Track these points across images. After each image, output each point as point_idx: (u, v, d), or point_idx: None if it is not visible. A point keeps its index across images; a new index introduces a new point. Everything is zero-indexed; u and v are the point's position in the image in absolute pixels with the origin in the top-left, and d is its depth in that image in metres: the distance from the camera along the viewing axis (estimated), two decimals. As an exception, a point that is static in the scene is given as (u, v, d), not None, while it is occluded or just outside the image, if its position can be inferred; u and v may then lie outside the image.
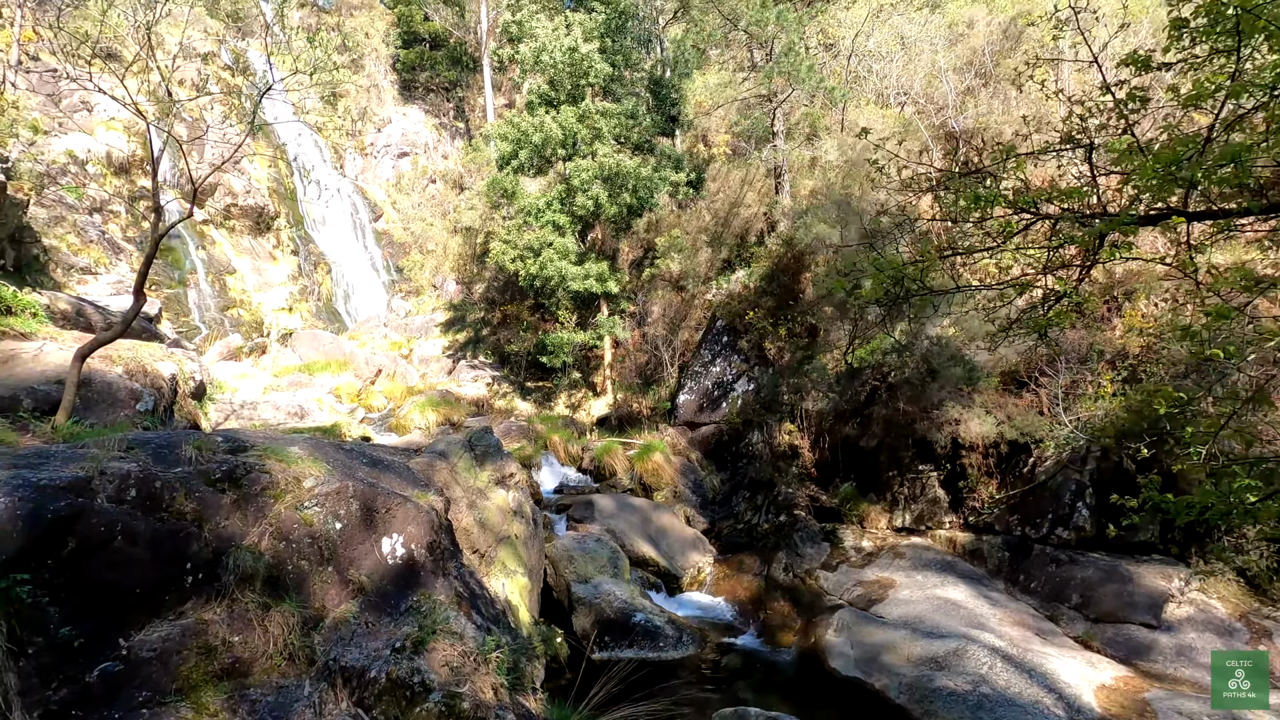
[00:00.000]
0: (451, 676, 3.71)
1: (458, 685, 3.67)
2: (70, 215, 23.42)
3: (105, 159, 26.15)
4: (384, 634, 3.90)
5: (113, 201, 25.43)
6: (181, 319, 24.19)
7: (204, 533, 3.45)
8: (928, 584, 8.90)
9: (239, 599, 3.45)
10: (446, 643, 3.91)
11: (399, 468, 5.18)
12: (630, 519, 11.17)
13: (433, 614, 4.07)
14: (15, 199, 17.33)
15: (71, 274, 21.82)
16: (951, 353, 8.68)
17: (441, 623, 4.03)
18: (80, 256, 22.56)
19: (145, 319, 18.12)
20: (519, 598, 7.95)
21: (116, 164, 26.01)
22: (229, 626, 3.33)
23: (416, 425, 14.53)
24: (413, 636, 3.77)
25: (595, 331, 18.22)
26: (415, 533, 4.49)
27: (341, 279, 33.69)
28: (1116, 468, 8.54)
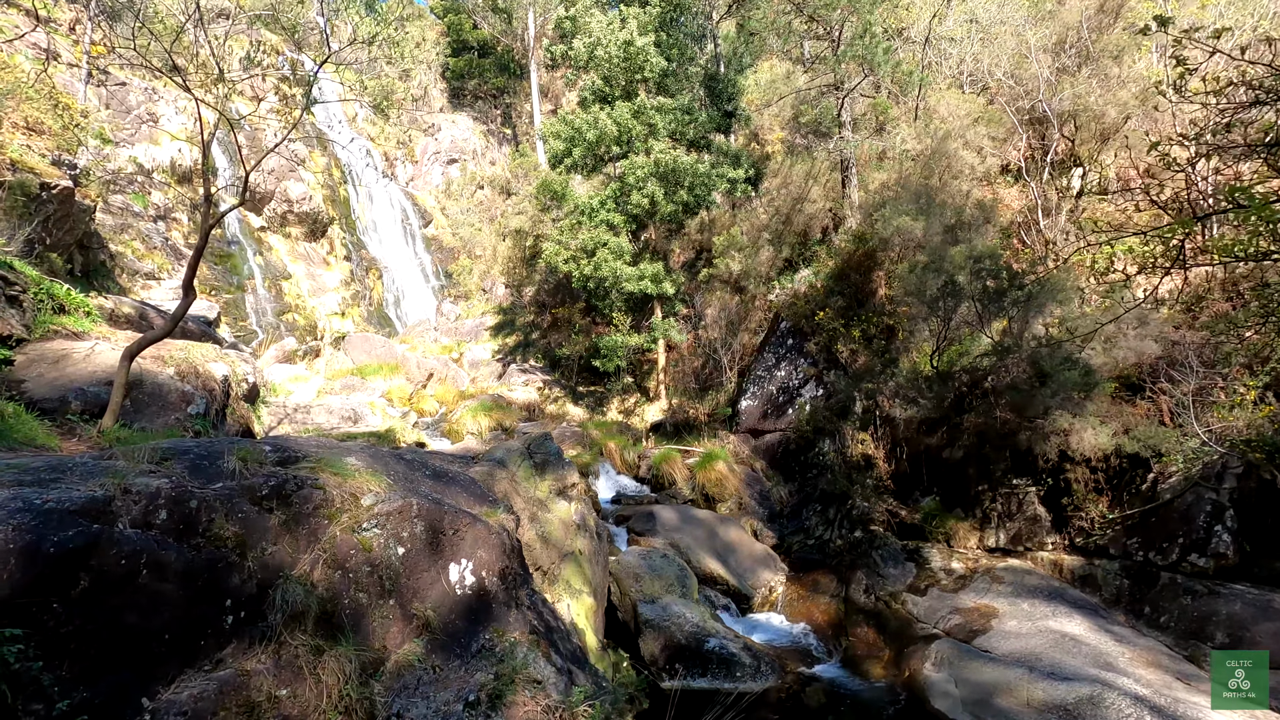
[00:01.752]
0: (535, 739, 3.06)
1: (543, 751, 3.02)
2: (135, 223, 24.01)
3: (170, 168, 26.81)
4: (455, 682, 3.28)
5: (176, 209, 26.05)
6: (240, 323, 24.56)
7: (247, 562, 2.91)
8: (1036, 614, 7.93)
9: (287, 642, 2.89)
10: (527, 694, 3.28)
11: (464, 481, 4.60)
12: (695, 533, 10.46)
13: (510, 657, 3.45)
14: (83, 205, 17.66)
15: (136, 279, 22.29)
16: (1065, 354, 7.73)
17: (520, 668, 3.40)
18: (145, 262, 23.06)
19: (204, 323, 18.26)
20: (585, 620, 7.32)
21: (180, 173, 26.64)
22: (275, 677, 2.77)
23: (469, 430, 14.12)
24: (488, 687, 3.15)
25: (649, 335, 17.60)
26: (486, 558, 3.89)
27: (392, 284, 34.01)
28: (1264, 486, 7.45)
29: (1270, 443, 7.17)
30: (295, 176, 31.25)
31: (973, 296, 8.47)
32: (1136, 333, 8.16)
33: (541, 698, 3.26)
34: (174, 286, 22.24)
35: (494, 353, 23.02)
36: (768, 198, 17.88)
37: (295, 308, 27.64)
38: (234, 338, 22.55)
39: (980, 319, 8.73)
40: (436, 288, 35.93)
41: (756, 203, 18.51)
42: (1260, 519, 7.52)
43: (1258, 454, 7.18)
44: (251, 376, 9.25)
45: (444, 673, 3.35)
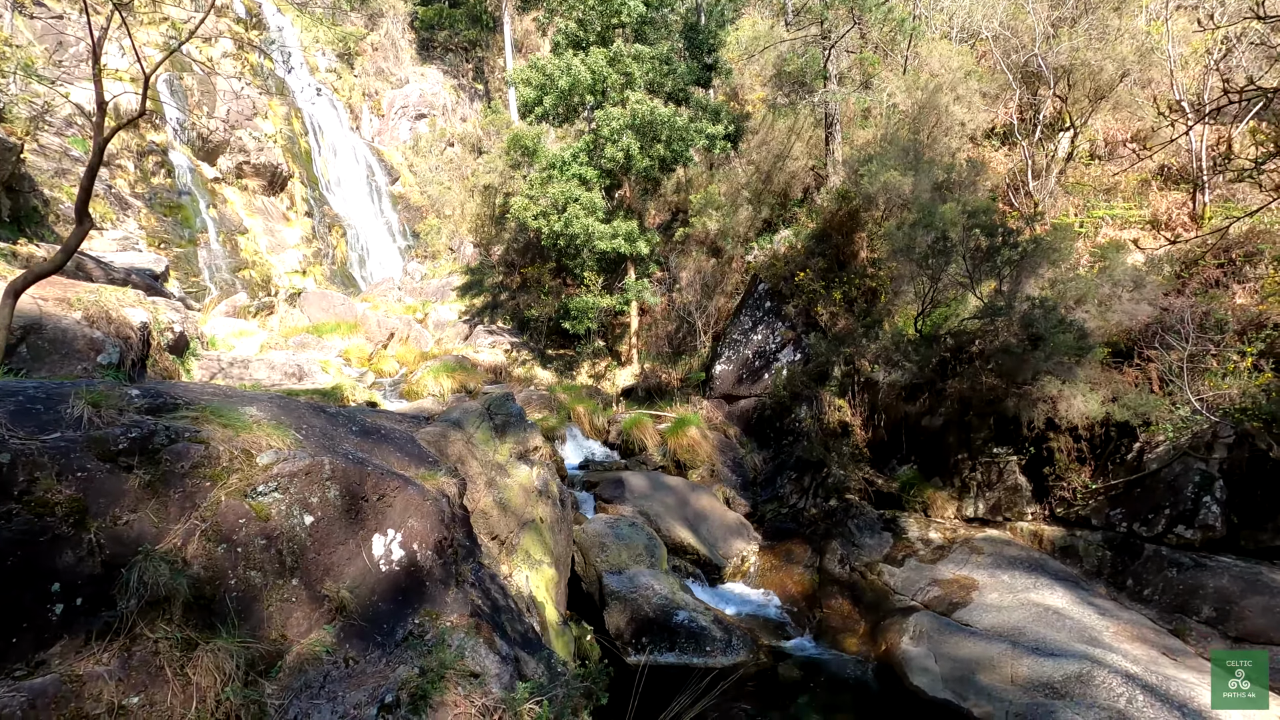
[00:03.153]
0: (467, 749, 2.51)
1: (476, 763, 2.47)
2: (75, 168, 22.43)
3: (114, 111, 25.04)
4: (371, 678, 2.71)
5: (120, 155, 24.40)
6: (192, 279, 23.24)
7: (88, 534, 2.27)
8: (1017, 586, 7.64)
9: (144, 636, 2.28)
10: (459, 691, 2.71)
11: (400, 439, 3.97)
12: (665, 500, 9.99)
13: (442, 646, 2.88)
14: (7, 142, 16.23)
15: (75, 228, 20.81)
16: (1059, 316, 7.30)
17: (454, 660, 2.83)
18: (85, 211, 21.54)
19: (150, 276, 17.08)
20: (545, 592, 6.81)
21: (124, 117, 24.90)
22: (122, 681, 2.16)
23: (430, 391, 13.39)
24: (410, 684, 2.57)
25: (622, 296, 16.93)
26: (419, 528, 3.29)
27: (357, 242, 32.65)
28: (1256, 456, 7.16)
29: (1267, 411, 6.87)
30: (251, 125, 29.55)
31: (964, 254, 7.99)
32: (1131, 296, 7.77)
33: (478, 695, 2.70)
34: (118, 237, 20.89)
35: (460, 314, 22.15)
36: (747, 156, 17.17)
37: (252, 264, 26.32)
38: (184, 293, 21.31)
39: (970, 279, 8.26)
40: (403, 247, 34.65)
41: (736, 162, 17.79)
42: (1250, 490, 7.27)
43: (1255, 423, 6.87)
44: (179, 325, 8.41)
45: (359, 666, 2.77)
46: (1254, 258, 9.24)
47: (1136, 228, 10.90)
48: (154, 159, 25.20)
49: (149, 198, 24.24)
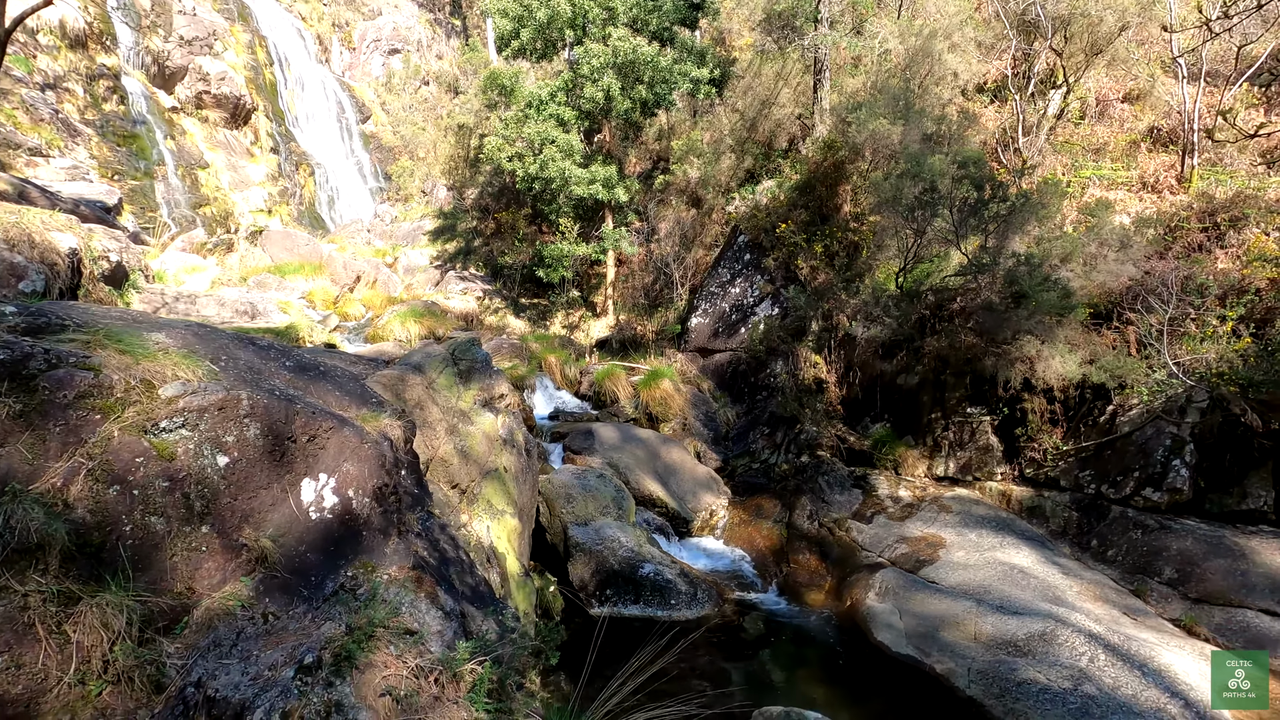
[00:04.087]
0: (395, 715, 2.27)
1: (404, 730, 2.24)
2: (18, 89, 20.98)
3: (59, 29, 23.38)
4: (292, 636, 2.44)
5: (68, 78, 22.88)
6: (149, 213, 22.12)
7: (-66, 471, 1.95)
8: (984, 544, 7.63)
9: (9, 589, 1.96)
10: (391, 650, 2.46)
11: (342, 378, 3.63)
12: (636, 452, 9.80)
13: (373, 602, 2.61)
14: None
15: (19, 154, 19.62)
16: (1044, 274, 7.10)
17: (386, 615, 2.57)
18: (30, 136, 20.28)
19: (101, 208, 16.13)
20: (507, 543, 6.60)
21: (72, 36, 23.26)
22: (-19, 641, 1.86)
23: (397, 337, 12.94)
24: (335, 644, 2.31)
25: (598, 245, 16.44)
26: (355, 473, 2.99)
27: (326, 182, 31.40)
28: (1228, 421, 7.13)
29: (1244, 376, 6.80)
30: (212, 51, 27.88)
31: (952, 206, 7.71)
32: (1117, 256, 7.59)
33: (412, 655, 2.45)
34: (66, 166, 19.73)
35: (432, 259, 21.47)
36: (732, 103, 16.55)
37: (214, 201, 25.17)
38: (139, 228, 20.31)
39: (956, 233, 8.00)
40: (375, 189, 33.46)
41: (720, 109, 17.16)
42: (1219, 454, 7.26)
43: (1231, 387, 6.81)
44: (116, 255, 7.84)
45: (281, 623, 2.50)
46: (1239, 222, 9.11)
47: (1124, 189, 10.70)
48: (105, 83, 23.69)
49: (100, 125, 22.87)
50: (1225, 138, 11.45)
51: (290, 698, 2.16)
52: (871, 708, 5.55)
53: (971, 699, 5.35)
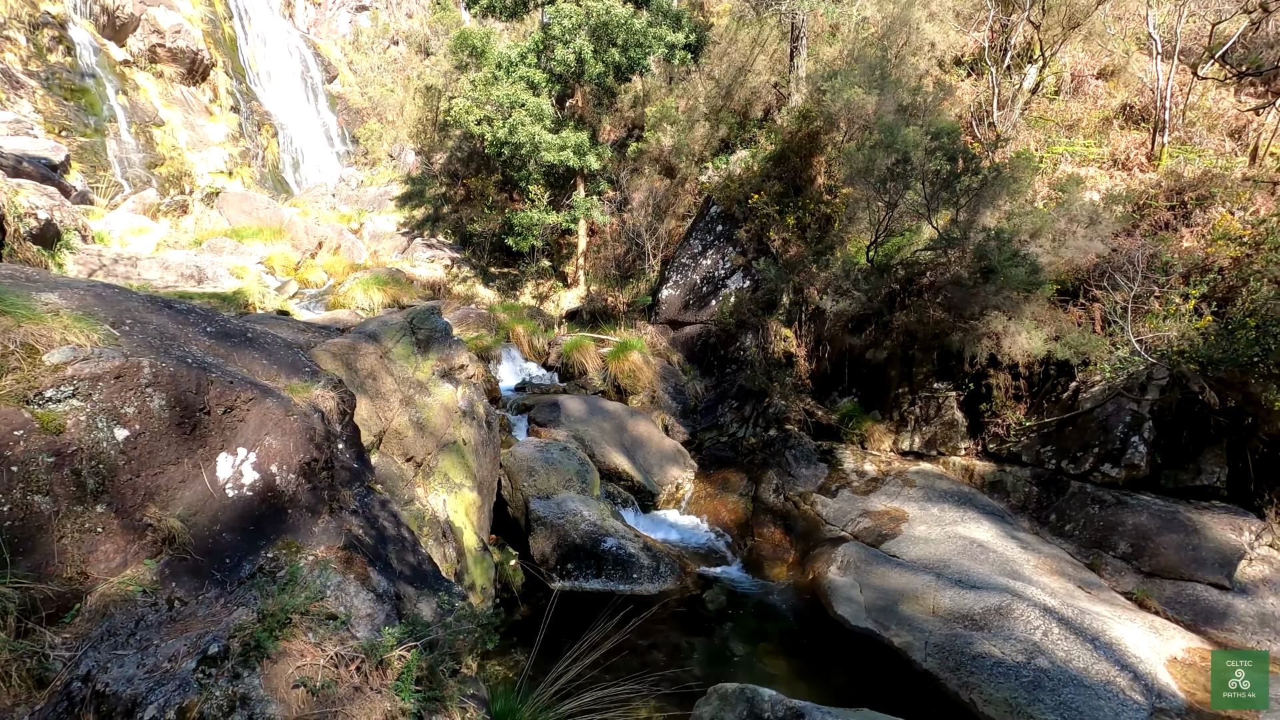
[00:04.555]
0: (309, 708, 2.11)
1: (318, 724, 2.09)
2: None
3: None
4: (200, 623, 2.26)
5: (9, 26, 21.58)
6: (100, 172, 21.13)
7: None
8: (946, 519, 7.67)
9: None
10: (309, 638, 2.29)
11: (272, 345, 3.39)
12: (602, 425, 9.67)
13: (293, 585, 2.43)
14: None
15: (-45, 107, 18.62)
16: (1013, 249, 7.03)
17: (307, 600, 2.40)
18: (-33, 87, 19.25)
19: (45, 165, 15.30)
20: (464, 517, 6.45)
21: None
22: None
23: (359, 305, 12.55)
24: (245, 632, 2.13)
25: (570, 214, 16.09)
26: (279, 447, 2.78)
27: (290, 144, 30.29)
28: (1186, 399, 7.20)
29: (1204, 354, 6.84)
30: (166, 2, 26.50)
31: (925, 178, 7.58)
32: (1086, 233, 7.56)
33: (333, 642, 2.28)
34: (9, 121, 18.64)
35: (399, 225, 20.89)
36: (708, 70, 16.17)
37: (170, 160, 24.11)
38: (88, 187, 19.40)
39: (928, 207, 7.88)
40: (342, 153, 32.43)
41: (695, 76, 16.76)
42: (1177, 431, 7.35)
43: (1191, 365, 6.85)
44: (46, 213, 7.36)
45: (189, 609, 2.31)
46: (1205, 201, 9.14)
47: (1095, 165, 10.68)
48: (50, 33, 22.40)
49: (45, 77, 21.66)
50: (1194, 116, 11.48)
51: (189, 692, 1.98)
52: (830, 681, 5.56)
53: (928, 672, 5.38)
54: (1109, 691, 4.75)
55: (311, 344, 5.80)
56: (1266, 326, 6.57)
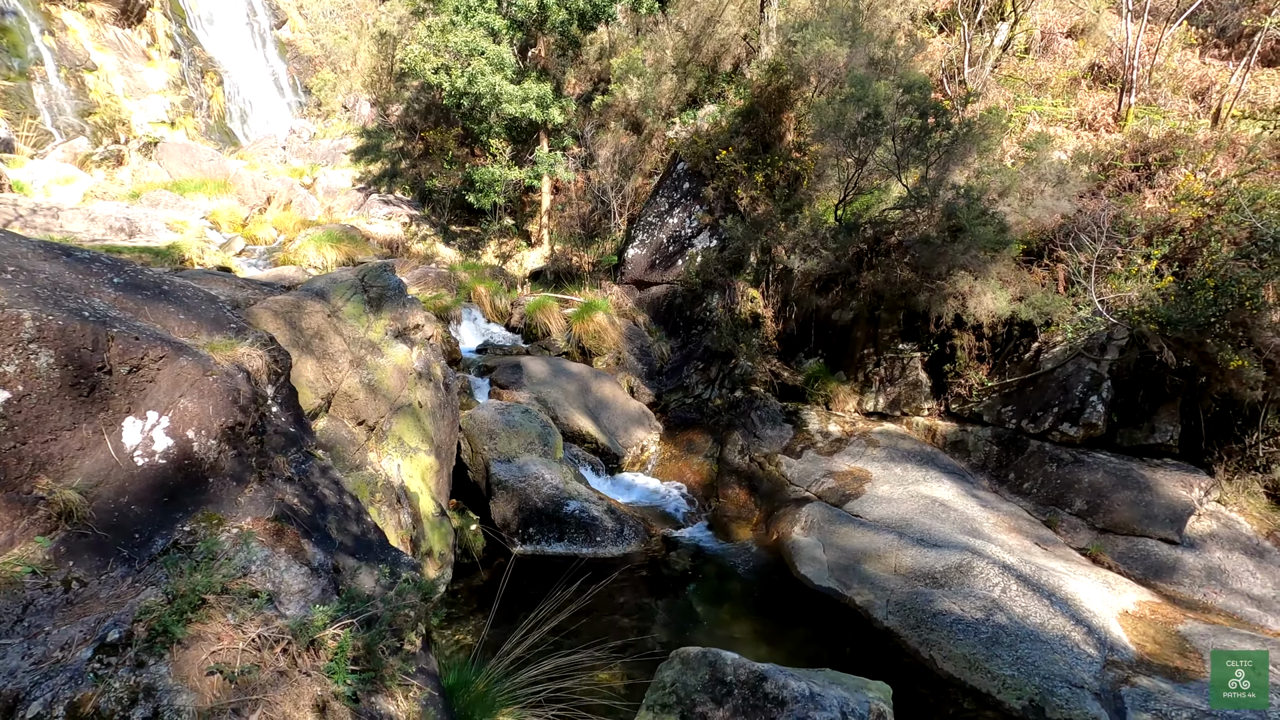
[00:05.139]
0: (227, 695, 1.91)
1: (237, 715, 1.89)
2: None
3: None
4: (101, 606, 2.03)
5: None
6: (27, 120, 19.69)
7: None
8: (908, 478, 7.72)
9: None
10: (228, 620, 2.08)
11: (192, 300, 3.08)
12: (566, 387, 9.46)
13: (207, 561, 2.21)
14: None
15: None
16: (981, 208, 6.93)
17: (227, 577, 2.18)
18: None
19: (-38, 110, 14.17)
20: (421, 482, 6.23)
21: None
22: None
23: (311, 263, 12.00)
24: (151, 615, 1.91)
25: (533, 170, 15.57)
26: (196, 410, 2.52)
27: (236, 94, 28.70)
28: (1144, 358, 7.28)
29: (1163, 315, 6.90)
30: (93, -67, 24.51)
31: (895, 134, 7.39)
32: (1054, 192, 7.49)
33: (256, 623, 2.07)
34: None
35: (354, 180, 20.05)
36: (676, 20, 15.60)
37: (104, 108, 22.59)
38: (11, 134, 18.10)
39: (898, 163, 7.72)
40: (293, 103, 30.89)
41: (663, 26, 16.17)
42: (1133, 391, 7.45)
43: (1151, 325, 6.90)
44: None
45: (89, 590, 2.07)
46: (1168, 162, 9.16)
47: (1063, 125, 10.62)
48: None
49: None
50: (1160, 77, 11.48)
51: (82, 684, 1.76)
52: (792, 640, 5.56)
53: (889, 630, 5.41)
54: (1064, 645, 4.83)
55: (251, 301, 5.44)
56: (1225, 287, 6.63)
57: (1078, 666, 4.65)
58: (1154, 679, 4.57)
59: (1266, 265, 6.61)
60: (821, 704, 3.66)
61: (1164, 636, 5.09)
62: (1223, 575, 5.90)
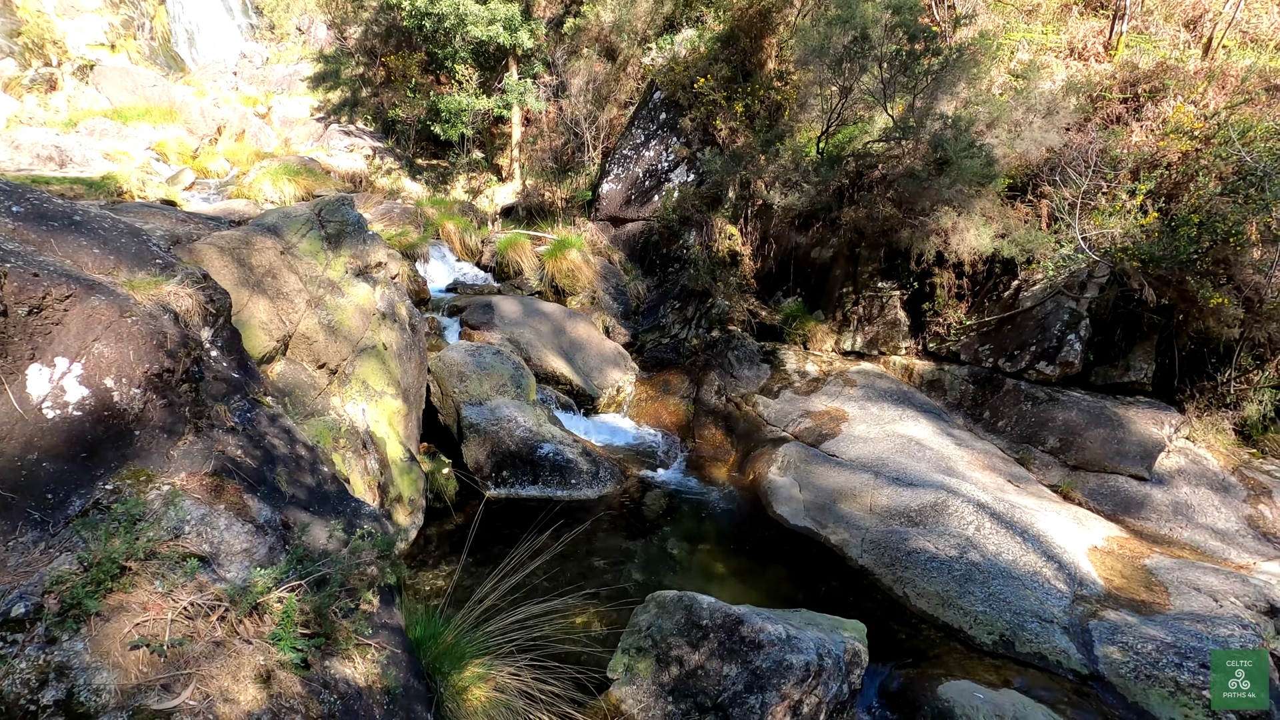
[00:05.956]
0: (155, 670, 1.73)
1: (167, 691, 1.71)
2: None
3: None
4: (6, 577, 1.81)
5: None
6: (-52, 41, 18.12)
7: None
8: (885, 417, 7.70)
9: None
10: (155, 588, 1.89)
11: (110, 232, 2.76)
12: (539, 327, 9.20)
13: (130, 524, 1.99)
14: None
15: None
16: (969, 140, 6.66)
17: (156, 539, 1.97)
18: None
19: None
20: (388, 426, 6.02)
21: None
22: None
23: (267, 197, 11.36)
24: (64, 586, 1.72)
25: (502, 99, 14.81)
26: (114, 355, 2.25)
27: (181, 14, 26.72)
28: (1123, 296, 7.22)
29: (1146, 251, 6.79)
30: None
31: (882, 60, 7.01)
32: (1043, 123, 7.23)
33: (187, 590, 1.88)
34: None
35: (312, 110, 18.96)
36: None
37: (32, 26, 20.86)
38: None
39: (884, 91, 7.36)
40: (244, 25, 28.90)
41: (639, -58, 15.17)
42: (1111, 329, 7.42)
43: (1133, 262, 6.80)
44: None
45: (-6, 557, 1.84)
46: (1158, 94, 8.90)
47: (1052, 53, 10.25)
48: None
49: None
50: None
51: (-18, 666, 1.56)
52: (768, 580, 5.57)
53: (863, 568, 5.43)
54: (1035, 581, 4.88)
55: (194, 236, 5.05)
56: (1209, 223, 6.52)
57: (1048, 601, 4.71)
58: (1121, 612, 4.65)
59: (1252, 201, 6.49)
60: (798, 646, 3.63)
61: (1131, 571, 5.18)
62: (1189, 510, 6.01)
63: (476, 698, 3.13)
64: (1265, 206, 6.33)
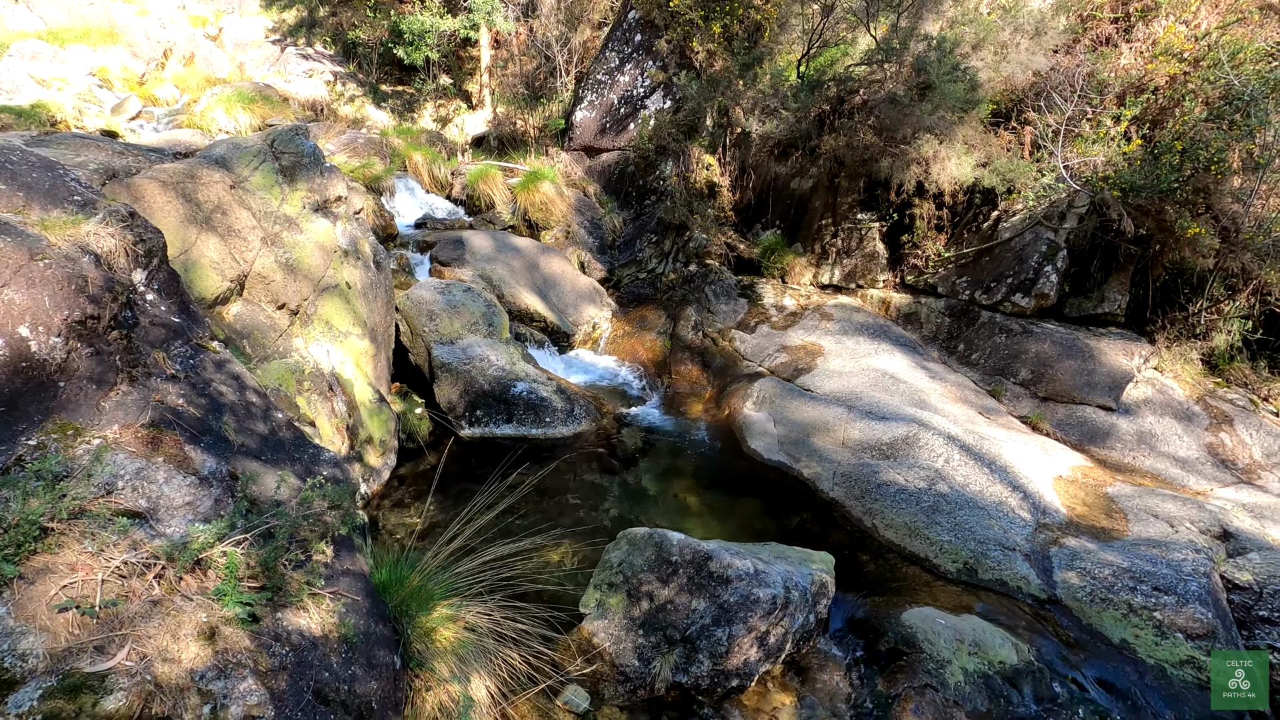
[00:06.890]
0: (88, 632, 1.67)
1: (101, 653, 1.66)
2: None
3: None
4: (-82, 538, 1.70)
5: None
6: None
7: None
8: (860, 352, 7.69)
9: None
10: (85, 546, 1.81)
11: (19, 167, 2.53)
12: (512, 263, 8.98)
13: (47, 482, 1.89)
14: None
15: None
16: (953, 63, 6.39)
17: (84, 495, 1.87)
18: None
19: None
20: (355, 367, 5.88)
21: None
22: None
23: (221, 128, 10.75)
24: (-20, 549, 1.60)
25: (468, 18, 13.98)
26: (27, 302, 2.09)
27: (118, -78, 24.53)
28: (1102, 226, 7.14)
29: (1127, 180, 6.68)
30: None
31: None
32: (1030, 45, 6.95)
33: (120, 548, 1.80)
34: None
35: (267, 31, 17.81)
36: None
37: (-46, -63, 19.11)
38: None
39: (867, 9, 6.99)
40: (188, -63, 26.69)
41: None
42: (1087, 260, 7.39)
43: (1114, 191, 6.69)
44: None
45: (-95, 520, 1.74)
46: (1149, 14, 8.58)
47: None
48: None
49: None
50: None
51: (-109, 636, 1.48)
52: (742, 514, 5.64)
53: (834, 500, 5.51)
54: (1000, 511, 4.99)
55: (133, 170, 4.74)
56: (1192, 150, 6.40)
57: (1011, 530, 4.82)
58: (1081, 539, 4.78)
59: (1236, 126, 6.35)
60: (765, 580, 3.68)
61: (1093, 499, 5.31)
62: (1152, 439, 6.13)
63: (445, 638, 3.14)
64: (1250, 133, 6.20)
